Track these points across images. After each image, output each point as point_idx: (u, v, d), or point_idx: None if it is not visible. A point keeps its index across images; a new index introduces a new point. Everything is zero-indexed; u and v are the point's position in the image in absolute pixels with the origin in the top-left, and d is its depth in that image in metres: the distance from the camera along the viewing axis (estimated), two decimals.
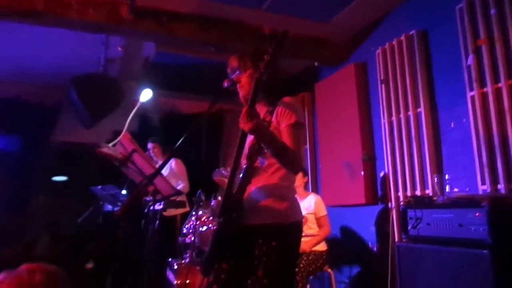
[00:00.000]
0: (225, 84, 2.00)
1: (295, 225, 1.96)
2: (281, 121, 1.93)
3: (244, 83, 2.01)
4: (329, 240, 4.00)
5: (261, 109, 2.01)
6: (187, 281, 3.64)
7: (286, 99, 1.99)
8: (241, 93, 2.03)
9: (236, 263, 1.94)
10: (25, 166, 5.60)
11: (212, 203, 3.76)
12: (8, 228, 5.50)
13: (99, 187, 4.26)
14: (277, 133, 1.91)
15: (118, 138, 2.43)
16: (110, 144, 2.62)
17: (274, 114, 1.95)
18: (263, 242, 1.87)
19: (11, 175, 5.57)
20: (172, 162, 4.86)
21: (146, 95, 3.93)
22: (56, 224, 6.06)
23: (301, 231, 2.01)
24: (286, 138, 1.89)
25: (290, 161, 1.88)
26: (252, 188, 1.94)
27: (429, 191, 3.36)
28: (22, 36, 4.22)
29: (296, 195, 2.08)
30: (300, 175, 3.98)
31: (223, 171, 3.92)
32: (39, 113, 5.70)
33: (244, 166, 1.88)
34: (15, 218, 5.59)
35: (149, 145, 4.89)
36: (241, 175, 1.87)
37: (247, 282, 1.95)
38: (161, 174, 2.33)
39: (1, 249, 5.36)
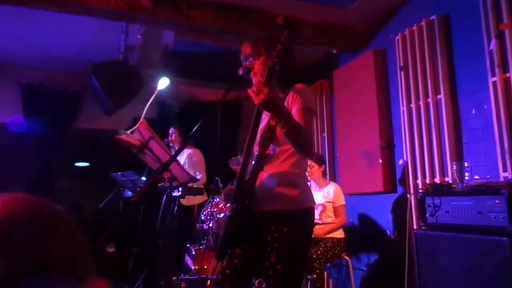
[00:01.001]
0: (240, 71, 2.00)
1: (307, 211, 1.97)
2: (292, 106, 1.92)
3: (257, 70, 1.99)
4: (347, 228, 4.01)
5: None
6: (205, 267, 3.72)
7: (298, 85, 1.98)
8: (254, 80, 2.01)
9: (249, 249, 1.97)
10: (48, 152, 5.75)
11: (226, 189, 3.80)
12: None
13: (119, 173, 4.35)
14: None
15: (136, 126, 2.47)
16: (129, 131, 2.67)
17: (286, 101, 1.95)
18: (275, 228, 1.89)
19: (35, 160, 5.72)
20: (191, 153, 4.91)
21: (163, 83, 3.97)
22: (79, 209, 6.22)
23: (312, 217, 2.02)
24: (298, 120, 1.88)
25: (304, 142, 1.86)
26: (264, 175, 1.94)
27: (448, 179, 3.33)
28: (45, 23, 4.31)
29: (308, 182, 2.09)
30: (316, 166, 3.98)
31: (240, 159, 3.95)
32: (62, 99, 5.83)
33: (256, 153, 1.89)
34: None
35: (170, 131, 4.96)
36: (253, 162, 1.88)
37: (260, 267, 1.98)
38: (177, 161, 2.36)
39: None
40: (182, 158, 4.85)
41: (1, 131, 5.50)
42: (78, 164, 6.54)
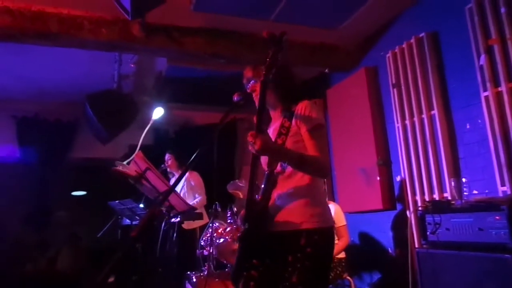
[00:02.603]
0: (235, 98, 2.02)
1: (329, 230, 1.95)
2: (301, 125, 1.93)
3: (259, 92, 2.01)
4: (348, 247, 3.96)
5: (278, 115, 2.03)
6: None
7: (303, 104, 1.98)
8: (257, 102, 2.03)
9: (266, 270, 1.93)
10: (45, 182, 5.72)
11: (240, 213, 3.77)
12: (31, 243, 5.63)
13: (117, 201, 4.31)
14: (297, 138, 1.93)
15: (132, 157, 2.47)
16: (125, 162, 2.67)
17: (294, 119, 1.95)
18: (297, 248, 1.85)
19: (32, 191, 5.69)
20: (188, 176, 4.87)
21: (158, 113, 3.98)
22: (77, 238, 6.16)
23: (334, 236, 1.99)
24: (308, 143, 1.90)
25: (312, 169, 1.88)
26: (280, 193, 1.94)
27: (447, 195, 3.32)
28: (39, 57, 4.35)
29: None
30: None
31: (238, 183, 3.93)
32: (57, 130, 5.84)
33: (266, 173, 1.88)
34: (37, 234, 5.72)
35: (166, 157, 4.93)
36: (264, 182, 1.87)
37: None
38: (175, 191, 2.35)
39: (25, 264, 5.48)
40: (180, 182, 4.81)
41: None
42: (75, 193, 6.50)
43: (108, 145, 4.95)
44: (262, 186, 1.87)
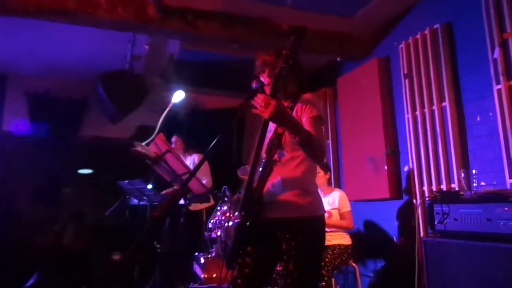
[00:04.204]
0: (254, 85, 2.00)
1: (320, 218, 2.01)
2: (302, 116, 1.95)
3: (272, 81, 2.03)
4: (353, 234, 4.03)
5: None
6: (214, 275, 3.73)
7: (306, 95, 2.01)
8: (268, 86, 2.05)
9: (260, 257, 1.98)
10: (54, 158, 5.77)
11: (234, 198, 3.83)
12: (39, 217, 5.71)
13: (126, 181, 4.37)
14: None
15: (151, 138, 2.51)
16: (144, 143, 2.71)
17: (294, 111, 1.97)
18: (290, 237, 1.90)
19: (41, 168, 5.75)
20: (195, 158, 4.92)
21: (178, 96, 3.98)
22: (81, 215, 6.22)
23: (325, 224, 2.06)
24: (309, 129, 1.90)
25: (316, 149, 1.88)
26: (274, 181, 1.96)
27: (454, 186, 3.36)
28: (53, 33, 4.36)
29: (318, 190, 2.12)
30: (321, 173, 4.00)
31: (248, 168, 3.96)
32: (68, 107, 5.86)
33: (263, 161, 1.89)
34: (45, 208, 5.79)
35: (173, 139, 4.97)
36: (260, 169, 1.88)
37: (271, 275, 1.99)
38: (196, 176, 2.39)
39: (33, 237, 5.56)
40: (190, 165, 4.86)
41: (8, 140, 5.53)
42: (81, 171, 6.55)
43: (117, 125, 4.98)
44: (259, 173, 1.87)
